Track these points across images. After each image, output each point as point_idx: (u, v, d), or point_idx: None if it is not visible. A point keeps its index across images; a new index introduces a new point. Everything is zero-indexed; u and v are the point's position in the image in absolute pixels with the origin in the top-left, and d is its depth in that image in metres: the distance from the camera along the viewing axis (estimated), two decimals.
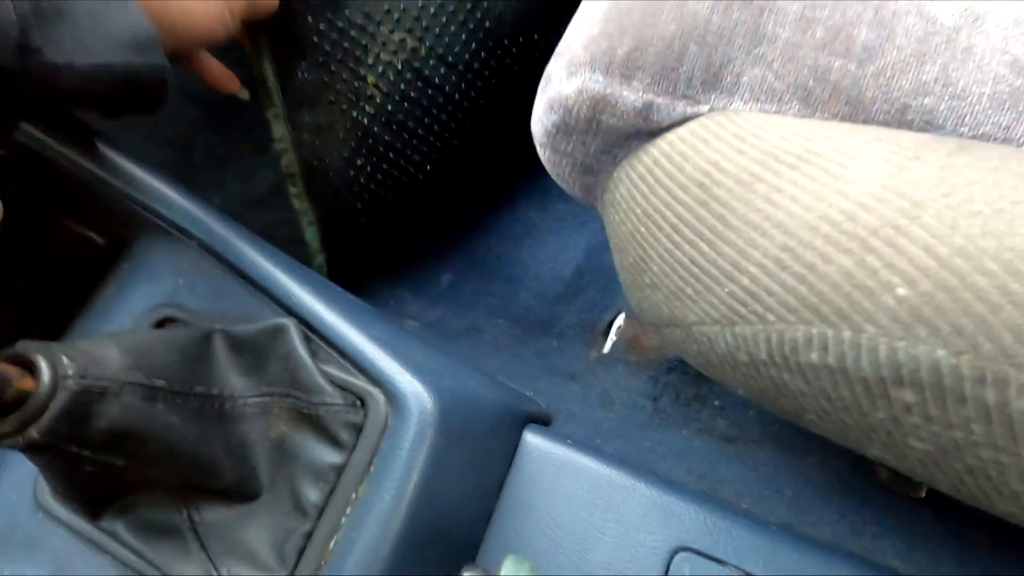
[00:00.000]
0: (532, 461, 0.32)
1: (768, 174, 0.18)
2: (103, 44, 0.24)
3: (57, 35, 0.22)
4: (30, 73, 0.22)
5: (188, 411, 0.27)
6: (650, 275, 0.22)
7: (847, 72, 0.21)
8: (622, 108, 0.24)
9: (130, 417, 0.24)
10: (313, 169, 0.44)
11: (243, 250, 0.34)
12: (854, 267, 0.15)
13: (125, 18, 0.25)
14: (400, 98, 0.43)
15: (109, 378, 0.24)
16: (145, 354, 0.27)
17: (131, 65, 0.25)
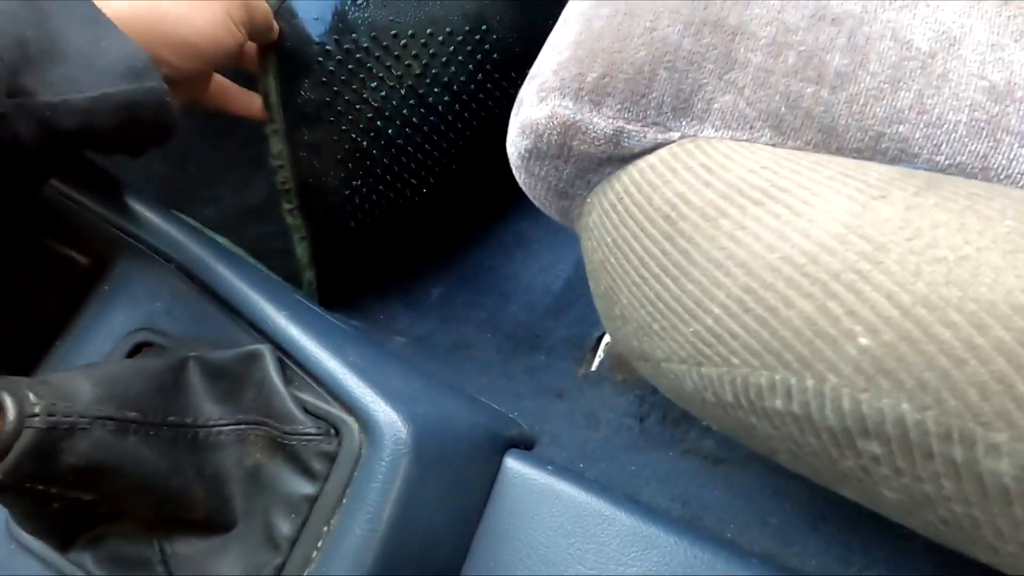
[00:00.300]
0: (512, 488, 0.31)
1: (733, 209, 0.17)
2: (97, 77, 0.23)
3: (50, 76, 0.22)
4: (27, 115, 0.22)
5: (161, 442, 0.27)
6: (620, 307, 0.21)
7: (819, 99, 0.21)
8: (592, 134, 0.23)
9: (100, 452, 0.24)
10: (308, 186, 0.44)
11: (221, 273, 0.34)
12: (816, 313, 0.15)
13: (117, 48, 0.25)
14: (400, 122, 0.43)
15: (79, 413, 0.23)
16: (118, 385, 0.26)
17: (128, 92, 0.24)
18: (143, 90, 0.25)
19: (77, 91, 0.23)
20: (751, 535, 0.30)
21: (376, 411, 0.28)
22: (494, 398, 0.41)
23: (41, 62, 0.22)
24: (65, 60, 0.23)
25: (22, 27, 0.22)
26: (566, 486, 0.30)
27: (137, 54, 0.25)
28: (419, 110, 0.43)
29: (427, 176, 0.46)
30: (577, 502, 0.30)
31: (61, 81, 0.23)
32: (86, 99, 0.23)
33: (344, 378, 0.29)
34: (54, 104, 0.22)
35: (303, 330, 0.31)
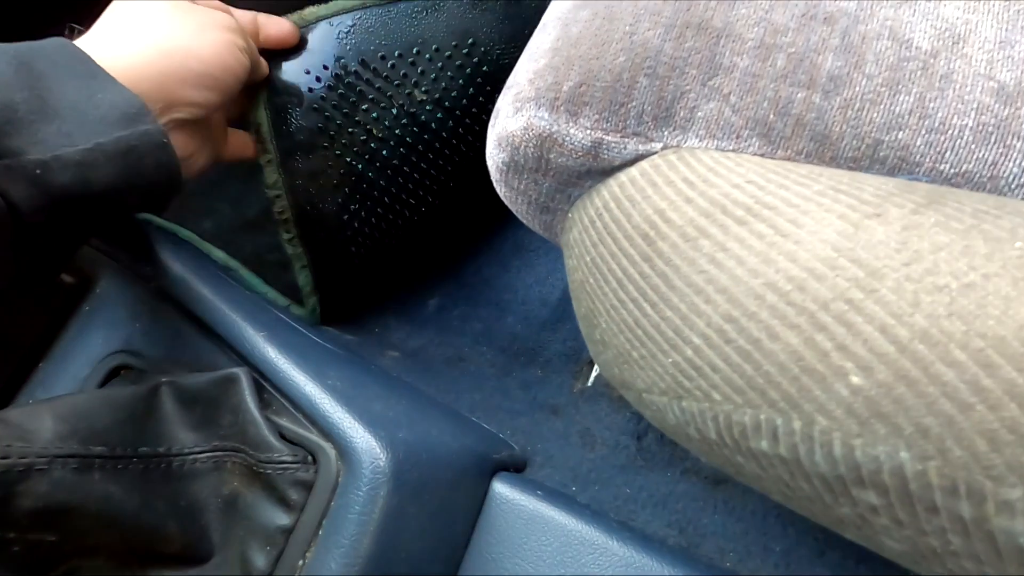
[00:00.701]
0: (500, 514, 0.30)
1: (714, 229, 0.16)
2: (91, 129, 0.23)
3: (40, 135, 0.22)
4: (15, 175, 0.21)
5: (130, 476, 0.26)
6: (600, 331, 0.20)
7: (811, 104, 0.19)
8: (570, 147, 0.22)
9: (60, 492, 0.23)
10: (306, 214, 0.43)
11: (200, 294, 0.33)
12: (802, 347, 0.13)
13: (112, 98, 0.24)
14: (394, 142, 0.43)
15: (36, 453, 0.23)
16: (84, 418, 0.25)
17: (122, 139, 0.23)
18: (137, 134, 0.24)
19: (69, 145, 0.22)
20: (753, 564, 0.28)
21: (354, 437, 0.27)
22: (487, 415, 0.39)
23: (30, 123, 0.22)
24: (56, 116, 0.22)
25: (10, 91, 0.22)
26: (556, 512, 0.29)
27: (131, 100, 0.24)
28: (412, 129, 0.42)
29: (425, 194, 0.46)
30: (568, 530, 0.28)
31: (52, 138, 0.22)
32: (78, 151, 0.22)
33: (322, 402, 0.28)
34: (44, 161, 0.22)
35: (281, 351, 0.30)
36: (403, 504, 0.27)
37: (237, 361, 0.30)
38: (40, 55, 0.24)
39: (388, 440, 0.27)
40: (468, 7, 0.41)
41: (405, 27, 0.40)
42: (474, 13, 0.41)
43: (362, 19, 0.40)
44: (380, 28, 0.40)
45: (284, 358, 0.30)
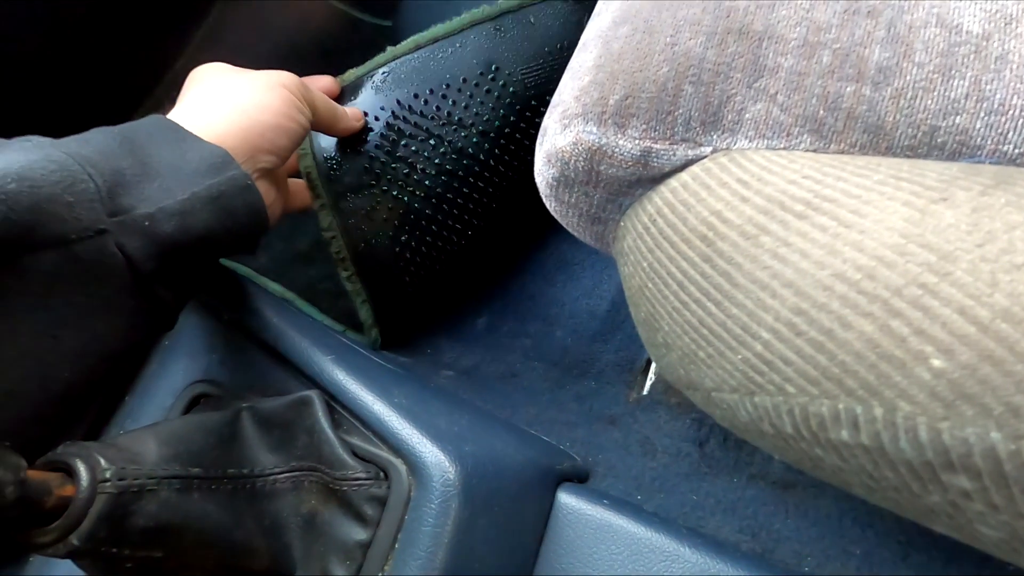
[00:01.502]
0: (568, 524, 0.30)
1: (774, 225, 0.16)
2: (186, 181, 0.26)
3: (145, 192, 0.25)
4: (129, 229, 0.24)
5: (222, 496, 0.27)
6: (662, 334, 0.20)
7: (861, 97, 0.19)
8: (620, 157, 0.22)
9: (167, 512, 0.24)
10: (361, 252, 0.46)
11: (270, 323, 0.35)
12: (878, 334, 0.13)
13: (200, 153, 0.27)
14: (436, 172, 0.45)
15: (146, 475, 0.24)
16: (181, 442, 0.27)
17: (213, 186, 0.26)
18: (226, 180, 0.27)
19: (170, 198, 0.25)
20: (832, 568, 0.28)
21: (423, 452, 0.28)
22: (544, 429, 0.40)
23: (136, 183, 0.25)
24: (157, 176, 0.25)
25: (117, 159, 0.25)
26: (624, 521, 0.29)
27: (216, 152, 0.27)
28: (452, 157, 0.44)
29: (470, 218, 0.48)
30: (637, 538, 0.28)
31: (155, 193, 0.25)
32: (178, 202, 0.25)
33: (390, 420, 0.29)
34: (151, 213, 0.24)
35: (349, 373, 0.32)
36: (474, 516, 0.27)
37: (308, 384, 0.32)
38: (139, 129, 0.27)
39: (455, 454, 0.28)
40: (487, 38, 0.44)
41: (433, 67, 0.43)
42: (493, 42, 0.44)
43: (394, 68, 0.44)
44: (411, 72, 0.43)
45: (352, 379, 0.31)
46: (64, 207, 0.22)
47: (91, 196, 0.23)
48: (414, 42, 0.44)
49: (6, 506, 0.19)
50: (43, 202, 0.22)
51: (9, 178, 0.21)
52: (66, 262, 0.22)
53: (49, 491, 0.21)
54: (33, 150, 0.23)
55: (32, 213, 0.21)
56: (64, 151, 0.24)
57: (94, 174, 0.24)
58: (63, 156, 0.23)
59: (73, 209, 0.22)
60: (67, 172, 0.23)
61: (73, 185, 0.23)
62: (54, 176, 0.22)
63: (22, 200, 0.21)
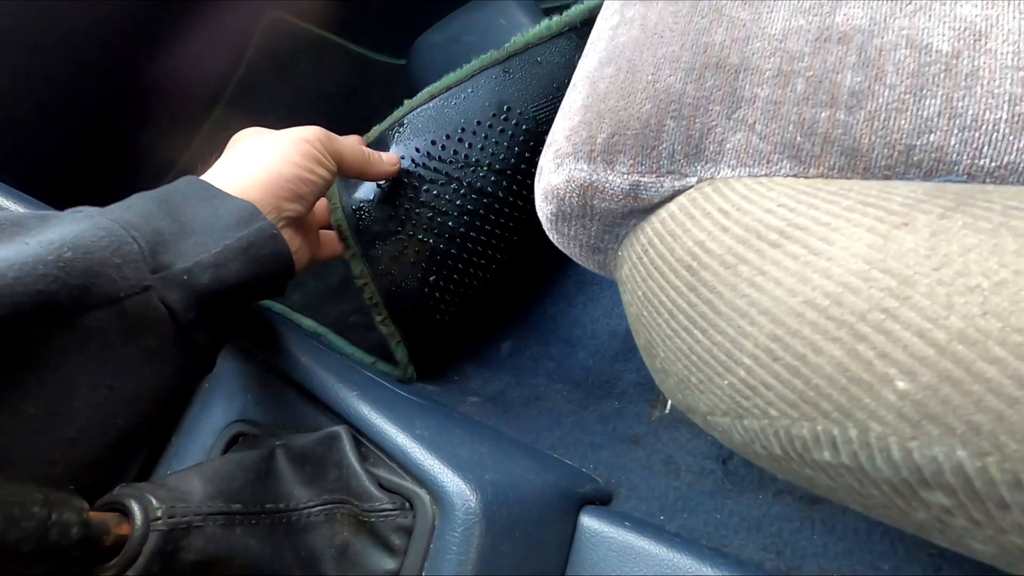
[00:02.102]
0: (591, 547, 0.31)
1: (751, 254, 0.17)
2: (218, 235, 0.29)
3: (182, 248, 0.27)
4: (169, 283, 0.27)
5: (262, 530, 0.29)
6: (659, 360, 0.21)
7: (836, 121, 0.20)
8: (610, 192, 0.24)
9: (213, 546, 0.26)
10: (392, 295, 0.48)
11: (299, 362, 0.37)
12: (846, 358, 0.14)
13: (230, 208, 0.29)
14: (458, 213, 0.47)
15: (193, 512, 0.26)
16: (224, 479, 0.29)
17: (243, 237, 0.29)
18: (254, 231, 0.29)
19: (205, 252, 0.27)
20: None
21: (444, 482, 0.29)
22: (569, 451, 0.40)
23: (175, 240, 0.27)
24: (192, 232, 0.28)
25: (156, 220, 0.27)
26: (646, 542, 0.29)
27: (244, 206, 0.30)
28: (471, 197, 0.46)
29: (493, 253, 0.49)
30: (660, 559, 0.29)
31: (191, 248, 0.27)
32: (212, 255, 0.27)
33: (413, 452, 0.30)
34: (188, 267, 0.27)
35: (373, 407, 0.33)
36: (496, 543, 0.28)
37: (336, 420, 0.33)
38: (174, 191, 0.30)
39: (476, 482, 0.29)
40: (497, 80, 0.45)
41: (448, 113, 0.45)
42: (503, 84, 0.46)
43: (412, 119, 0.46)
44: (428, 121, 0.45)
45: (376, 413, 0.32)
46: (113, 268, 0.25)
47: (136, 256, 0.26)
48: (428, 93, 0.46)
49: (71, 545, 0.20)
50: (95, 265, 0.24)
51: (66, 247, 0.24)
52: (117, 318, 0.25)
53: (108, 530, 0.23)
54: (84, 220, 0.26)
55: (86, 276, 0.24)
56: (110, 218, 0.27)
57: (137, 236, 0.26)
58: (109, 223, 0.26)
59: (121, 270, 0.25)
60: (114, 237, 0.26)
61: (120, 248, 0.25)
62: (103, 241, 0.25)
63: (77, 266, 0.24)
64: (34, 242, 0.24)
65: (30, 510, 0.19)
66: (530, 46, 0.46)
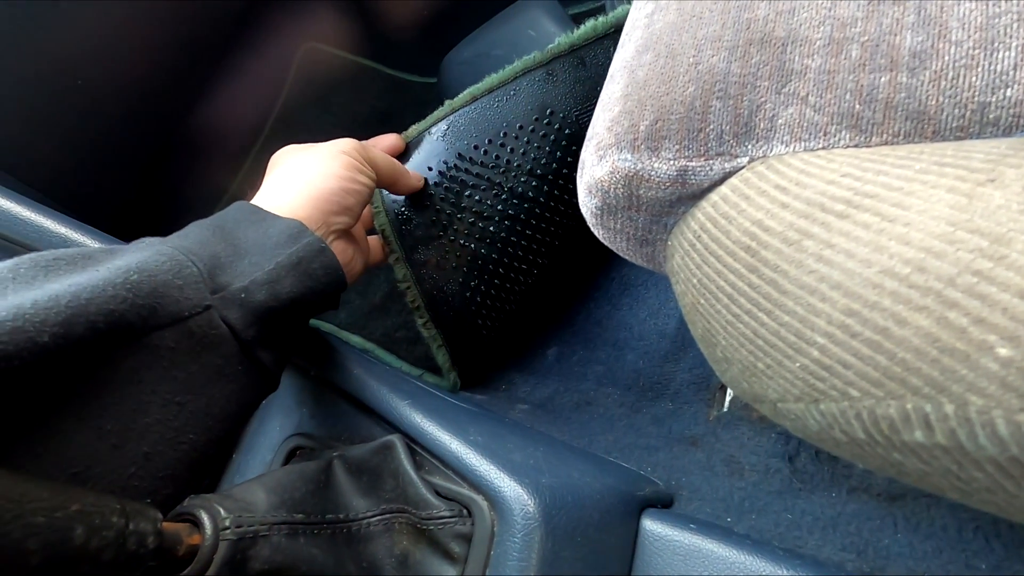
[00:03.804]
0: (656, 552, 0.29)
1: (816, 228, 0.16)
2: (269, 254, 0.29)
3: (238, 269, 0.28)
4: (229, 303, 0.28)
5: (324, 539, 0.29)
6: (720, 348, 0.20)
7: (898, 85, 0.19)
8: (657, 179, 0.23)
9: (279, 555, 0.26)
10: (435, 299, 0.48)
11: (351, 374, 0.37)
12: (936, 327, 0.13)
13: (279, 228, 0.30)
14: (499, 218, 0.47)
15: (259, 522, 0.26)
16: (286, 490, 0.30)
17: (293, 253, 0.30)
18: (303, 246, 0.30)
19: (259, 270, 0.28)
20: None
21: (501, 487, 0.28)
22: (623, 455, 0.39)
23: (231, 263, 0.29)
24: (246, 253, 0.29)
25: (212, 245, 0.29)
26: (715, 544, 0.28)
27: (292, 224, 0.31)
28: (513, 202, 0.46)
29: (535, 258, 0.49)
30: (730, 562, 0.27)
31: (246, 269, 0.28)
32: (265, 272, 0.28)
33: (468, 458, 0.30)
34: (244, 286, 0.28)
35: (426, 416, 0.33)
36: (557, 548, 0.27)
37: (390, 429, 0.34)
38: (227, 217, 0.31)
39: (533, 486, 0.28)
40: (540, 83, 0.45)
41: (490, 117, 0.45)
42: (547, 87, 0.45)
43: (453, 121, 0.46)
44: (470, 124, 0.45)
45: (429, 421, 0.32)
46: (176, 290, 0.26)
47: (196, 278, 0.27)
48: (470, 94, 0.46)
49: (148, 554, 0.21)
50: (160, 287, 0.26)
51: (132, 271, 0.25)
52: (183, 337, 0.26)
53: (181, 540, 0.24)
54: (147, 248, 0.28)
55: (152, 297, 0.25)
56: (170, 246, 0.28)
57: (196, 260, 0.28)
58: (170, 250, 0.28)
59: (183, 291, 0.26)
60: (175, 261, 0.27)
61: (181, 271, 0.27)
62: (165, 266, 0.27)
63: (143, 287, 0.25)
64: (104, 268, 0.25)
65: (109, 519, 0.20)
66: (575, 48, 0.46)
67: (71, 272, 0.25)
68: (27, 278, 0.23)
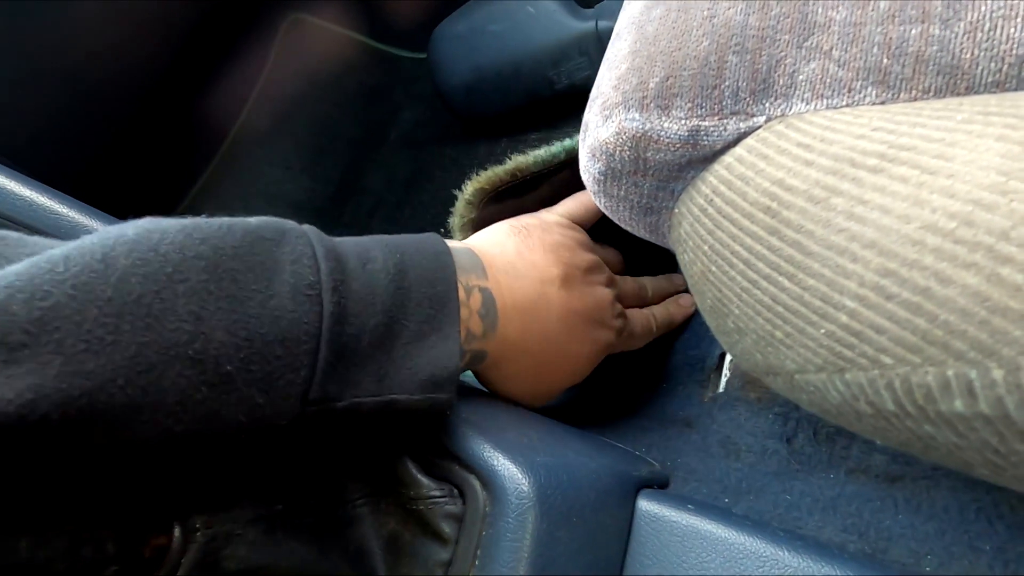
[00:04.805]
0: (652, 532, 0.29)
1: (846, 184, 0.15)
2: (397, 381, 0.22)
3: (358, 377, 0.21)
4: (315, 421, 0.21)
5: (306, 530, 0.28)
6: (732, 319, 0.19)
7: (930, 38, 0.17)
8: (667, 140, 0.22)
9: (256, 554, 0.25)
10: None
11: None
12: (985, 285, 0.12)
13: (435, 353, 0.23)
14: None
15: (233, 520, 0.24)
16: (266, 480, 0.28)
17: (415, 402, 0.23)
18: (428, 401, 0.23)
19: (372, 395, 0.21)
20: (959, 567, 0.24)
21: (495, 466, 0.27)
22: (617, 436, 0.38)
23: (361, 361, 0.21)
24: (383, 358, 0.21)
25: (372, 314, 0.21)
26: (713, 525, 0.27)
27: (448, 364, 0.23)
28: None
29: None
30: (729, 543, 0.26)
31: (365, 383, 0.21)
32: (373, 403, 0.21)
33: (460, 436, 0.29)
34: (346, 408, 0.21)
35: None
36: (552, 529, 0.26)
37: None
38: (413, 261, 0.22)
39: (527, 465, 0.27)
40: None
41: None
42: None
43: None
44: None
45: None
46: (250, 408, 0.18)
47: (294, 389, 0.19)
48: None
49: (107, 560, 0.19)
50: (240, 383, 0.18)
51: (229, 341, 0.17)
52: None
53: (145, 542, 0.22)
54: (288, 283, 0.18)
55: (202, 422, 0.18)
56: (332, 280, 0.19)
57: (323, 350, 0.19)
58: (313, 302, 0.19)
59: (258, 409, 0.19)
60: (289, 345, 0.18)
61: (283, 375, 0.18)
62: (284, 328, 0.18)
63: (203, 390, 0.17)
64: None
65: (59, 526, 0.18)
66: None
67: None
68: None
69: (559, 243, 0.31)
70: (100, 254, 0.17)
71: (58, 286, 0.16)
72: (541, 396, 0.33)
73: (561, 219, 0.34)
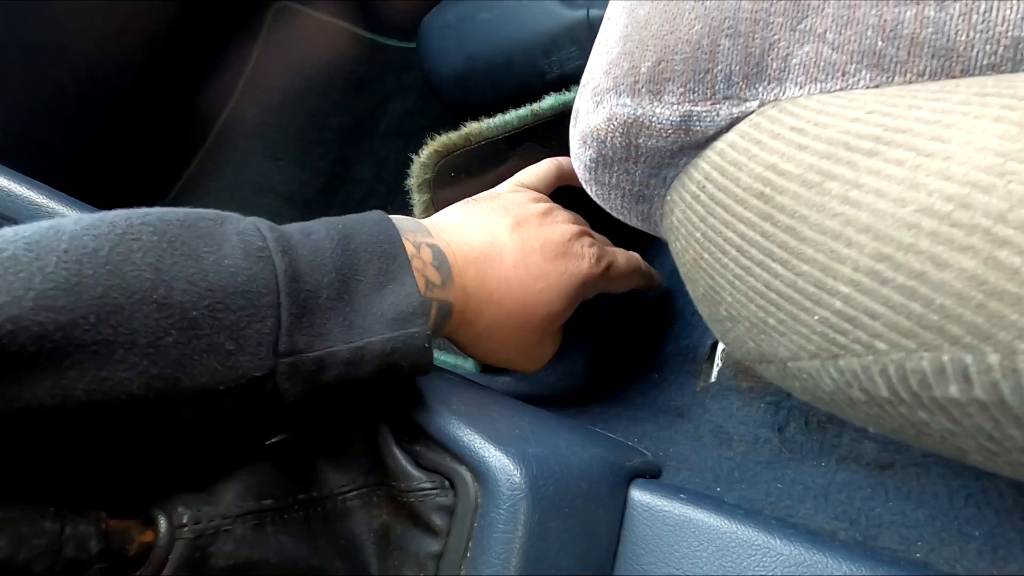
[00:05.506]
0: (645, 522, 0.28)
1: (840, 168, 0.14)
2: (367, 324, 0.23)
3: (326, 328, 0.22)
4: (293, 373, 0.21)
5: (295, 524, 0.27)
6: (725, 306, 0.19)
7: (925, 20, 0.17)
8: (658, 126, 0.21)
9: (245, 550, 0.24)
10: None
11: None
12: (982, 268, 0.11)
13: (395, 293, 0.23)
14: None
15: (221, 515, 0.24)
16: (254, 474, 0.27)
17: (389, 340, 0.23)
18: (403, 336, 0.23)
19: (345, 341, 0.22)
20: (949, 553, 0.25)
21: (486, 457, 0.27)
22: (609, 426, 0.38)
23: (323, 315, 0.22)
24: (347, 307, 0.22)
25: (324, 273, 0.22)
26: (705, 514, 0.27)
27: (409, 299, 0.23)
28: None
29: None
30: (721, 532, 0.26)
31: (334, 332, 0.22)
32: (349, 349, 0.22)
33: (451, 427, 0.28)
34: (320, 357, 0.21)
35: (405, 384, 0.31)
36: (544, 519, 0.26)
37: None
38: (361, 236, 0.23)
39: (519, 456, 0.27)
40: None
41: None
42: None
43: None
44: None
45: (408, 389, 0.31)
46: (231, 338, 0.19)
47: (266, 334, 0.20)
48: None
49: (91, 559, 0.19)
50: (195, 353, 0.18)
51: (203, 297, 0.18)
52: (212, 406, 0.20)
53: (131, 539, 0.21)
54: (234, 242, 0.19)
55: (177, 367, 0.18)
56: (275, 242, 0.20)
57: (285, 302, 0.20)
58: (261, 259, 0.20)
59: (231, 357, 0.19)
60: (259, 282, 0.19)
61: (257, 303, 0.19)
62: (242, 285, 0.19)
63: (171, 354, 0.18)
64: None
65: (40, 526, 0.17)
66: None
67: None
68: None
69: (509, 200, 0.31)
70: (47, 224, 0.18)
71: (11, 244, 0.17)
72: (526, 348, 0.32)
73: (511, 186, 0.34)
